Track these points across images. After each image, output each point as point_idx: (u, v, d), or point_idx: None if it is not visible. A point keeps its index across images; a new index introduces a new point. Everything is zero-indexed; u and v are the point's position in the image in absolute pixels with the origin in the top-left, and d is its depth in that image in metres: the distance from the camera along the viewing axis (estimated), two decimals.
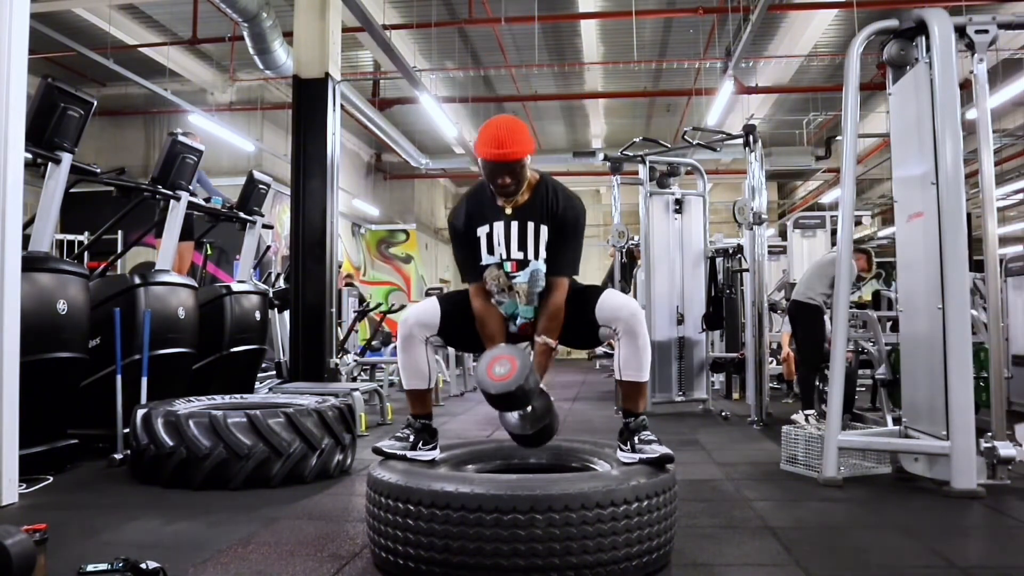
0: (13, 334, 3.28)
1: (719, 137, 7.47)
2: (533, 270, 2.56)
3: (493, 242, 2.57)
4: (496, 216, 2.57)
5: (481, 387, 2.35)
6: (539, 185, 2.59)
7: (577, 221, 2.58)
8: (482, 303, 2.60)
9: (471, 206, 2.62)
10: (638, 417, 2.54)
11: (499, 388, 2.28)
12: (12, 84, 3.31)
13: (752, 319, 6.11)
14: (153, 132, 12.69)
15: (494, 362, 2.34)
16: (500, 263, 2.57)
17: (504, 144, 2.41)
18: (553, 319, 2.54)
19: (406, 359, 2.62)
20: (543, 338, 2.54)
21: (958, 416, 3.38)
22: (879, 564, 2.48)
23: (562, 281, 2.56)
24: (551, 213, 2.55)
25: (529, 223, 2.55)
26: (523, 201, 2.56)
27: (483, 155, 2.44)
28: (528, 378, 2.29)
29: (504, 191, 2.49)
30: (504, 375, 2.29)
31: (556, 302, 2.54)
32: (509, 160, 2.42)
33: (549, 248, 2.55)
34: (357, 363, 7.84)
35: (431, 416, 2.69)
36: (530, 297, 2.59)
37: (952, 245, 3.47)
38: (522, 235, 2.55)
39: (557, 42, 11.02)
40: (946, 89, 3.52)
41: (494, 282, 2.59)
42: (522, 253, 2.55)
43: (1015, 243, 14.36)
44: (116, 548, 2.46)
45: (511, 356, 2.34)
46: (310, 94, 6.90)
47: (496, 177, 2.46)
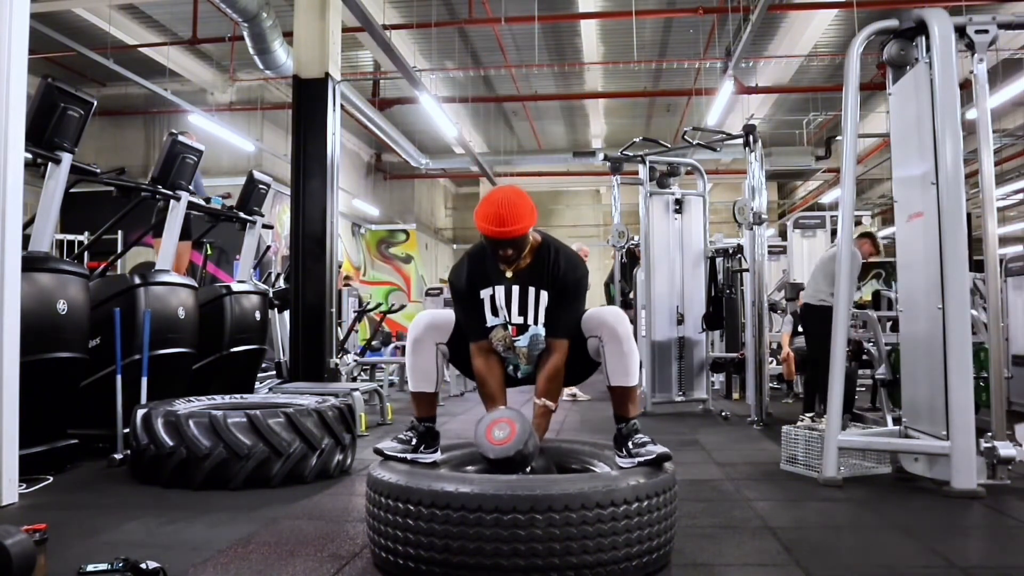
0: (13, 334, 3.28)
1: (719, 137, 7.47)
2: (533, 335, 2.59)
3: (496, 305, 2.59)
4: (498, 280, 2.59)
5: (480, 451, 2.37)
6: (541, 249, 2.60)
7: (578, 285, 2.59)
8: (483, 362, 2.62)
9: (473, 268, 2.63)
10: (629, 422, 2.55)
11: (498, 453, 2.31)
12: (12, 84, 3.31)
13: (752, 319, 6.11)
14: (153, 132, 12.70)
15: (493, 425, 2.37)
16: (504, 325, 2.60)
17: (505, 222, 2.41)
18: (552, 381, 2.56)
19: (415, 361, 2.63)
20: (543, 400, 2.56)
21: (958, 416, 3.38)
22: (879, 564, 2.48)
23: (561, 343, 2.57)
24: (552, 277, 2.57)
25: (530, 288, 2.57)
26: (524, 265, 2.57)
27: (484, 232, 2.46)
28: (527, 442, 2.32)
29: (506, 261, 2.52)
30: (503, 439, 2.32)
31: (555, 364, 2.56)
32: (511, 238, 2.44)
33: (549, 311, 2.57)
34: (357, 363, 7.84)
35: (435, 419, 2.69)
36: (530, 358, 2.63)
37: (952, 245, 3.47)
38: (523, 300, 2.57)
39: (557, 42, 11.03)
40: (946, 89, 3.52)
41: (500, 342, 2.62)
42: (522, 318, 2.58)
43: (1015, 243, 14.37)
44: (116, 548, 2.46)
45: (510, 420, 2.37)
46: (310, 94, 6.90)
47: (498, 249, 2.48)
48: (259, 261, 7.05)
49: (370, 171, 17.33)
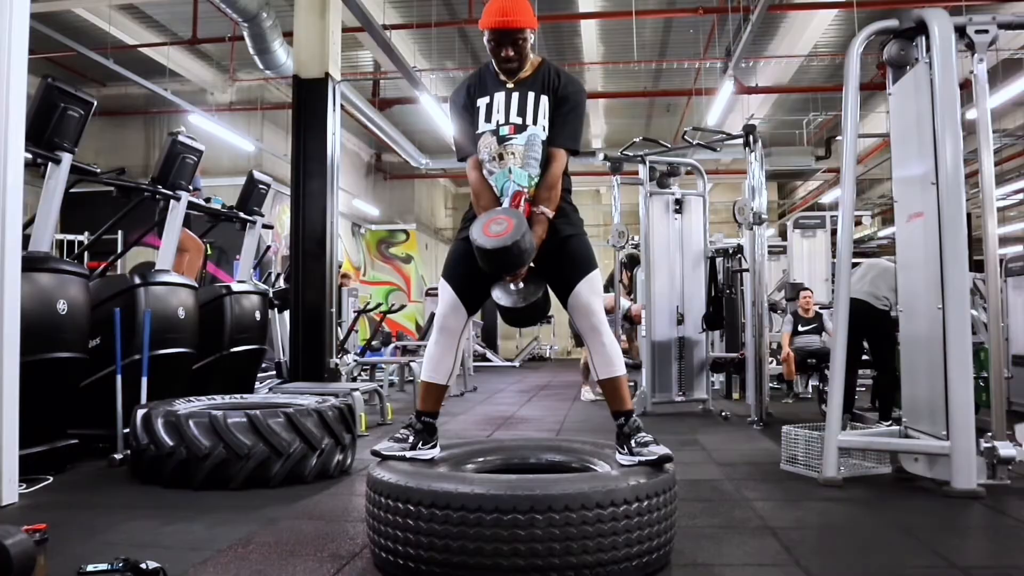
0: (13, 334, 3.28)
1: (719, 137, 7.47)
2: (531, 134, 2.57)
3: (492, 110, 2.60)
4: (497, 88, 2.62)
5: (476, 245, 2.33)
6: (541, 65, 2.66)
7: (578, 97, 2.64)
8: (478, 176, 2.64)
9: (472, 81, 2.69)
10: (630, 418, 2.54)
11: (494, 244, 2.27)
12: (12, 84, 3.31)
13: (752, 319, 6.11)
14: (153, 132, 12.69)
15: (490, 221, 2.34)
16: (495, 130, 2.59)
17: (507, 12, 2.50)
18: (550, 189, 2.56)
19: (436, 350, 2.63)
20: (540, 208, 2.54)
21: (958, 416, 3.38)
22: (879, 564, 2.48)
23: (560, 153, 2.59)
24: (552, 88, 2.60)
25: (529, 93, 2.60)
26: (525, 77, 2.62)
27: (487, 24, 2.52)
28: (524, 236, 2.27)
29: (507, 63, 2.56)
30: (500, 232, 2.28)
31: (554, 173, 2.57)
32: (512, 28, 2.50)
33: (550, 118, 2.59)
34: (357, 363, 7.84)
35: (437, 415, 2.68)
36: (525, 159, 2.57)
37: (952, 245, 3.47)
38: (522, 103, 2.59)
39: (557, 42, 11.02)
40: (946, 89, 3.52)
41: (486, 149, 2.60)
42: (520, 118, 2.58)
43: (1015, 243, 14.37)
44: (116, 548, 2.46)
45: (507, 216, 2.35)
46: (310, 94, 6.90)
47: (500, 49, 2.53)
48: (259, 261, 7.05)
49: (370, 171, 17.32)
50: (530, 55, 2.61)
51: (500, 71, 2.61)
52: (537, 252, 2.46)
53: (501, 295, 2.50)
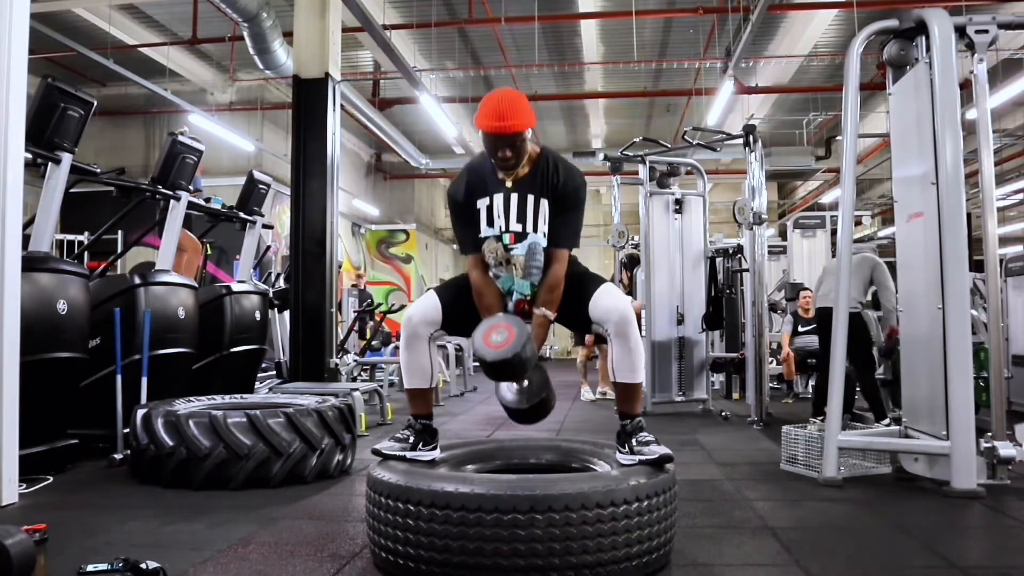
0: (13, 334, 3.28)
1: (719, 137, 7.47)
2: (531, 243, 2.55)
3: (493, 214, 2.55)
4: (496, 188, 2.56)
5: (477, 354, 2.33)
6: (540, 158, 2.57)
7: (577, 194, 2.58)
8: (480, 275, 2.59)
9: (471, 178, 2.61)
10: (635, 419, 2.53)
11: (496, 355, 2.26)
12: (12, 84, 3.31)
13: (752, 319, 6.11)
14: (153, 132, 12.69)
15: (491, 330, 2.33)
16: (499, 235, 2.55)
17: (505, 117, 2.40)
18: (552, 291, 2.53)
19: (409, 358, 2.61)
20: (542, 310, 2.53)
21: (958, 416, 3.38)
22: (879, 564, 2.48)
23: (562, 253, 2.56)
24: (551, 186, 2.54)
25: (529, 196, 2.54)
26: (523, 174, 2.55)
27: (484, 128, 2.43)
28: (525, 347, 2.27)
29: (504, 164, 2.49)
30: (501, 343, 2.27)
31: (556, 274, 2.53)
32: (509, 133, 2.41)
33: (550, 221, 2.54)
34: (357, 363, 7.84)
35: (431, 416, 2.69)
36: (526, 270, 2.56)
37: (952, 245, 3.47)
38: (521, 208, 2.54)
39: (557, 42, 11.02)
40: (946, 89, 3.52)
41: (492, 255, 2.57)
42: (521, 225, 2.54)
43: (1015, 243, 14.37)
44: (116, 548, 2.46)
45: (508, 324, 2.33)
46: (310, 94, 6.90)
47: (497, 150, 2.45)
48: (259, 261, 7.05)
49: (370, 171, 17.32)
50: (528, 148, 2.52)
51: (498, 168, 2.53)
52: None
53: (506, 396, 2.48)
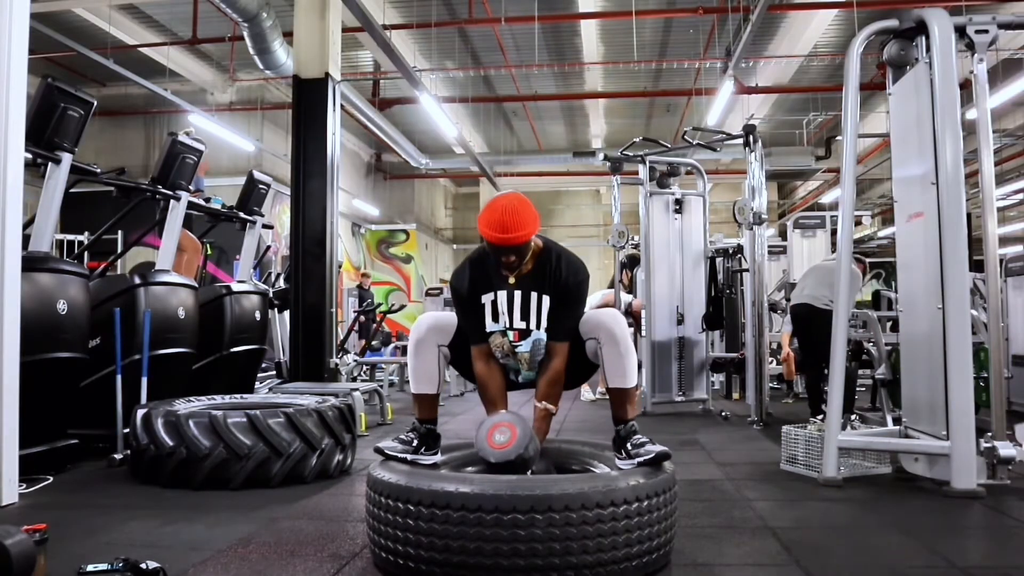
0: (13, 334, 3.28)
1: (719, 137, 7.46)
2: (535, 339, 2.60)
3: (498, 311, 2.60)
4: (500, 285, 2.59)
5: (481, 455, 2.39)
6: (543, 254, 2.60)
7: (579, 289, 2.61)
8: (484, 366, 2.63)
9: (475, 273, 2.64)
10: (628, 424, 2.55)
11: (499, 456, 2.33)
12: (12, 84, 3.31)
13: (752, 319, 6.11)
14: (153, 132, 12.71)
15: (494, 430, 2.38)
16: (504, 332, 2.61)
17: (509, 229, 2.42)
18: (553, 385, 2.58)
19: (417, 363, 2.63)
20: (543, 404, 2.58)
21: (958, 416, 3.38)
22: (879, 564, 2.48)
23: (563, 347, 2.59)
24: (553, 282, 2.57)
25: (532, 293, 2.58)
26: (526, 271, 2.58)
27: (488, 238, 2.46)
28: (528, 446, 2.34)
29: (508, 268, 2.52)
30: (504, 443, 2.34)
31: (556, 368, 2.58)
32: (514, 244, 2.45)
33: (550, 315, 2.58)
34: (357, 363, 7.84)
35: (436, 421, 2.69)
36: (531, 364, 2.64)
37: (952, 245, 3.47)
38: (525, 305, 2.58)
39: (557, 42, 11.03)
40: (946, 89, 3.52)
41: (499, 349, 2.63)
42: (524, 323, 2.59)
43: (1015, 243, 14.37)
44: (116, 548, 2.46)
45: (511, 424, 2.39)
46: (310, 94, 6.91)
47: (500, 255, 2.49)
48: (259, 261, 7.05)
49: (370, 171, 17.32)
50: (531, 249, 2.54)
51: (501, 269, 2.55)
52: None
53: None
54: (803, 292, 5.55)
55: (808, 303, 5.43)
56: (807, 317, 5.46)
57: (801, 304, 5.50)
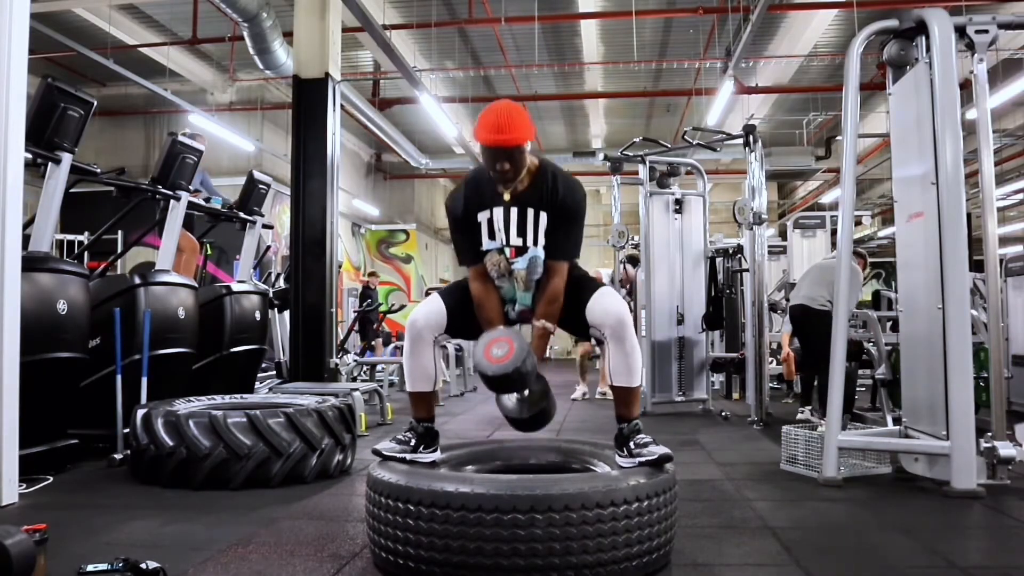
0: (13, 334, 3.28)
1: (719, 137, 7.47)
2: (532, 256, 2.55)
3: (494, 228, 2.55)
4: (496, 202, 2.55)
5: (478, 369, 2.34)
6: (539, 171, 2.56)
7: (578, 207, 2.57)
8: (481, 286, 2.59)
9: (470, 191, 2.60)
10: (632, 422, 2.54)
11: (496, 370, 2.28)
12: (12, 84, 3.31)
13: (752, 319, 6.11)
14: (153, 132, 12.70)
15: (492, 344, 2.34)
16: (500, 249, 2.56)
17: (503, 130, 2.38)
18: (552, 304, 2.53)
19: (413, 362, 2.60)
20: (542, 322, 2.53)
21: (958, 416, 3.38)
22: (879, 564, 2.48)
23: (561, 266, 2.56)
24: (551, 200, 2.53)
25: (529, 209, 2.53)
26: (523, 188, 2.54)
27: (482, 141, 2.42)
28: (526, 360, 2.28)
29: (503, 177, 2.47)
30: (501, 357, 2.28)
31: (555, 287, 2.53)
32: (508, 146, 2.40)
33: (549, 234, 2.54)
34: (357, 363, 7.84)
35: (433, 419, 2.68)
36: (528, 283, 2.58)
37: (952, 245, 3.47)
38: (521, 221, 2.53)
39: (557, 42, 11.02)
40: (946, 89, 3.52)
41: (495, 267, 2.58)
42: (521, 239, 2.54)
43: (1015, 243, 14.37)
44: (116, 548, 2.46)
45: (509, 338, 2.34)
46: (310, 94, 6.90)
47: (495, 163, 2.44)
48: (259, 261, 7.05)
49: (370, 171, 17.31)
50: (528, 160, 2.51)
51: (497, 182, 2.52)
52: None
53: (506, 405, 2.48)
54: (799, 293, 5.63)
55: (803, 304, 5.52)
56: (802, 318, 5.56)
57: (796, 305, 5.61)
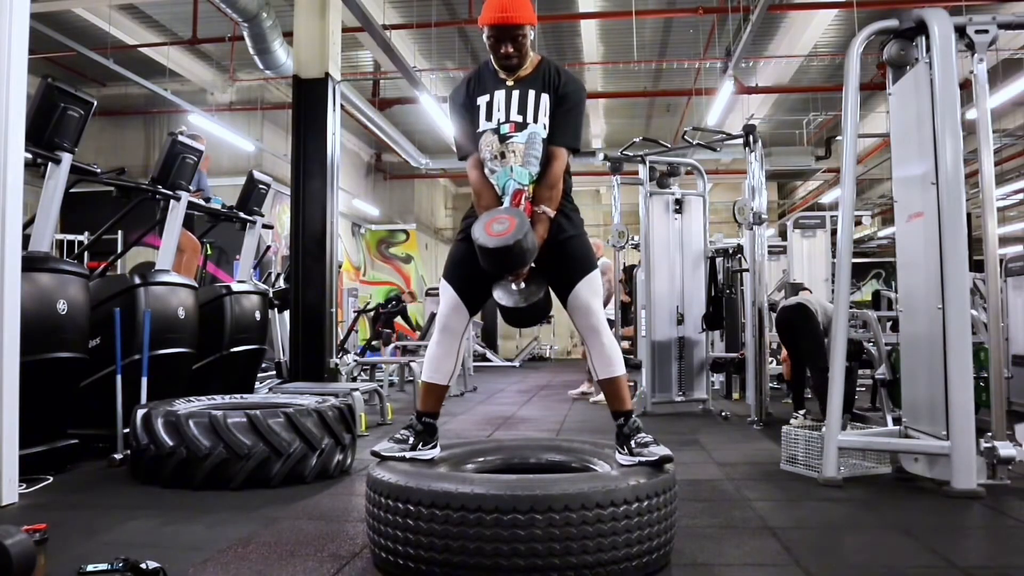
0: (13, 334, 3.28)
1: (719, 137, 7.47)
2: (531, 132, 2.57)
3: (492, 109, 2.60)
4: (498, 86, 2.61)
5: (477, 244, 2.33)
6: (541, 63, 2.64)
7: (578, 95, 2.63)
8: (479, 175, 2.63)
9: (472, 79, 2.67)
10: (630, 418, 2.54)
11: (497, 243, 2.27)
12: (12, 84, 3.31)
13: (752, 319, 6.11)
14: (153, 132, 12.69)
15: (492, 220, 2.34)
16: (496, 128, 2.58)
17: (507, 8, 2.48)
18: (551, 188, 2.56)
19: (437, 350, 2.62)
20: (541, 207, 2.54)
21: (958, 416, 3.38)
22: (879, 564, 2.48)
23: (561, 151, 2.59)
24: (553, 86, 2.59)
25: (530, 91, 2.59)
26: (525, 75, 2.60)
27: (486, 20, 2.51)
28: (527, 235, 2.28)
29: (506, 61, 2.54)
30: (502, 232, 2.28)
31: (555, 171, 2.56)
32: (511, 23, 2.49)
33: (550, 119, 2.58)
34: (357, 363, 7.84)
35: (437, 416, 2.68)
36: (525, 158, 2.57)
37: (952, 245, 3.47)
38: (523, 101, 2.58)
39: (557, 42, 11.02)
40: (946, 89, 3.52)
41: (488, 148, 2.59)
42: (521, 116, 2.58)
43: (1015, 243, 14.37)
44: (116, 548, 2.46)
45: (509, 216, 2.34)
46: (310, 94, 6.90)
47: (499, 45, 2.52)
48: (259, 261, 7.05)
49: (370, 171, 17.31)
50: (530, 52, 2.60)
51: (500, 68, 2.60)
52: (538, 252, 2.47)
53: (502, 295, 2.50)
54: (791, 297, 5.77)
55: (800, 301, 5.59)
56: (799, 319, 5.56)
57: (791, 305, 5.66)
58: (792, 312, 5.60)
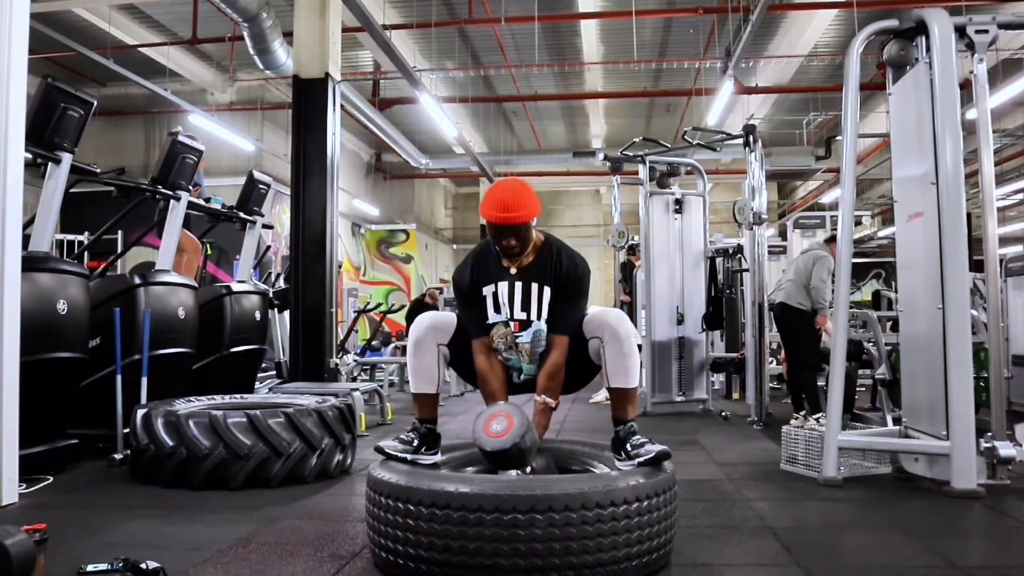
0: (13, 334, 3.28)
1: (719, 137, 7.47)
2: (536, 330, 2.61)
3: (499, 302, 2.61)
4: (501, 276, 2.62)
5: (477, 444, 2.37)
6: (544, 247, 2.64)
7: (580, 283, 2.63)
8: (485, 360, 2.63)
9: (476, 265, 2.67)
10: (627, 424, 2.56)
11: (494, 446, 2.30)
12: (12, 84, 3.31)
13: (752, 319, 6.11)
14: (153, 132, 12.70)
15: (492, 419, 2.37)
16: (506, 322, 2.61)
17: (510, 208, 2.47)
18: (553, 378, 2.58)
19: (417, 363, 2.64)
20: (543, 398, 2.58)
21: (958, 416, 3.38)
22: (879, 564, 2.48)
23: (563, 340, 2.59)
24: (555, 274, 2.60)
25: (533, 284, 2.60)
26: (528, 262, 2.61)
27: (489, 218, 2.50)
28: (525, 436, 2.30)
29: (509, 253, 2.56)
30: (501, 433, 2.31)
31: (556, 362, 2.58)
32: (514, 223, 2.48)
33: (551, 308, 2.60)
34: (357, 363, 7.84)
35: (436, 421, 2.70)
36: (532, 356, 2.64)
37: (952, 245, 3.47)
38: (526, 296, 2.60)
39: (557, 42, 11.03)
40: (946, 89, 3.52)
41: (501, 340, 2.63)
42: (525, 314, 2.60)
43: (1015, 243, 14.36)
44: (116, 548, 2.46)
45: (508, 414, 2.36)
46: (310, 94, 6.91)
47: (501, 239, 2.52)
48: (259, 261, 7.05)
49: (370, 171, 17.32)
50: (532, 236, 2.59)
51: (503, 255, 2.60)
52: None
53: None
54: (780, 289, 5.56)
55: (783, 301, 5.46)
56: (782, 315, 5.51)
57: (777, 303, 5.54)
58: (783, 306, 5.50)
